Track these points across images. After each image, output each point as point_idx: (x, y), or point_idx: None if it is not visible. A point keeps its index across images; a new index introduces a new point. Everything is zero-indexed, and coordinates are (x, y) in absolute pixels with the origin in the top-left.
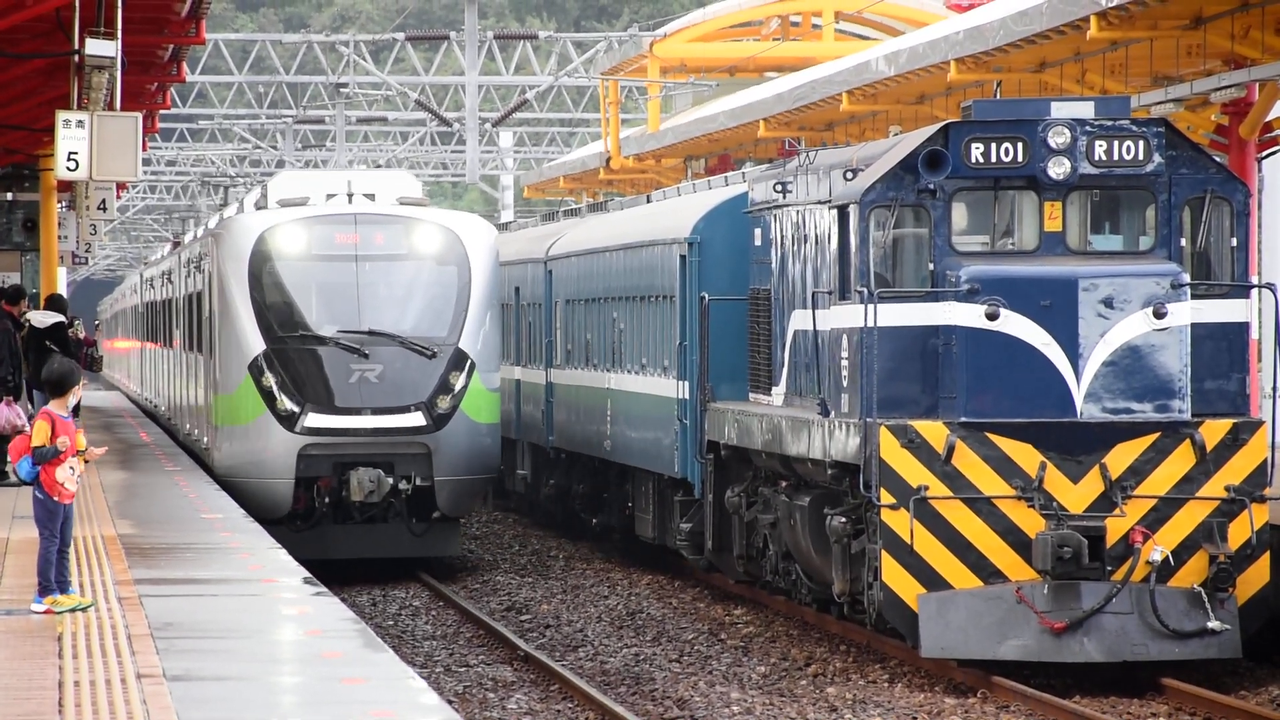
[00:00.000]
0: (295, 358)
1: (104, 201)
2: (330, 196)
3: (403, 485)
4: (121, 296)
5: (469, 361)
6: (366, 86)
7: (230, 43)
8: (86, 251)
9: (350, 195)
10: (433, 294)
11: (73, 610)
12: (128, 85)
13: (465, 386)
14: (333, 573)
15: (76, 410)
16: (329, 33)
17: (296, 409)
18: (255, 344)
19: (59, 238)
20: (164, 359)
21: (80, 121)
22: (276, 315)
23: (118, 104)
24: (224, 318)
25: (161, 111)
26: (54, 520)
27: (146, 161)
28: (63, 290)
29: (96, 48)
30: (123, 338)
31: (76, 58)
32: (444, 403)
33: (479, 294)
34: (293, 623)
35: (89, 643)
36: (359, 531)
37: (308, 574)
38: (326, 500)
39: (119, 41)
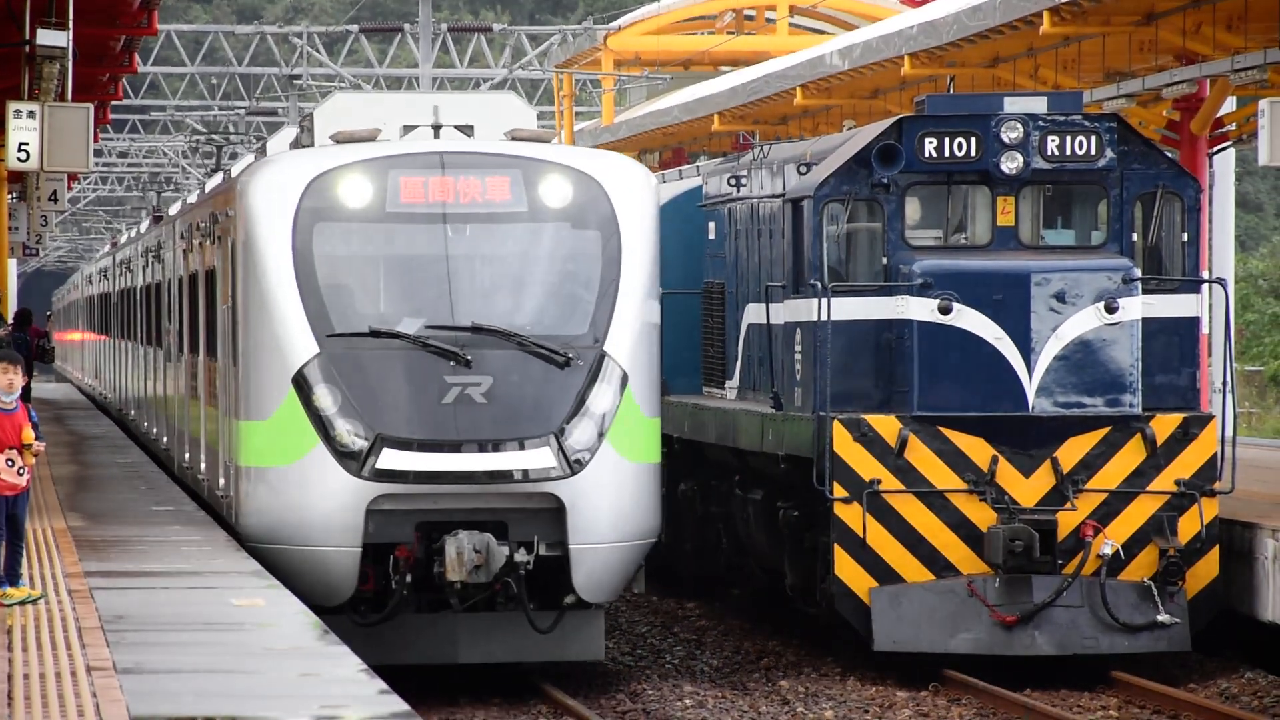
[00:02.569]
0: (362, 366)
1: (55, 193)
2: (408, 129)
3: (521, 556)
4: (76, 286)
5: (619, 372)
6: (320, 78)
7: (183, 34)
8: (37, 243)
9: (437, 127)
10: (565, 272)
11: (22, 603)
12: (79, 76)
13: (614, 409)
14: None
15: (26, 398)
16: (282, 24)
17: (364, 443)
18: (302, 346)
19: (9, 229)
20: (142, 365)
21: (31, 112)
22: (333, 302)
23: (69, 95)
24: (252, 307)
25: (113, 103)
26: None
27: (98, 153)
28: (13, 282)
29: (47, 38)
30: (84, 334)
31: (27, 48)
32: (583, 433)
33: (634, 272)
34: (245, 615)
35: (39, 635)
36: (456, 625)
37: (258, 566)
38: (408, 579)
39: (70, 32)
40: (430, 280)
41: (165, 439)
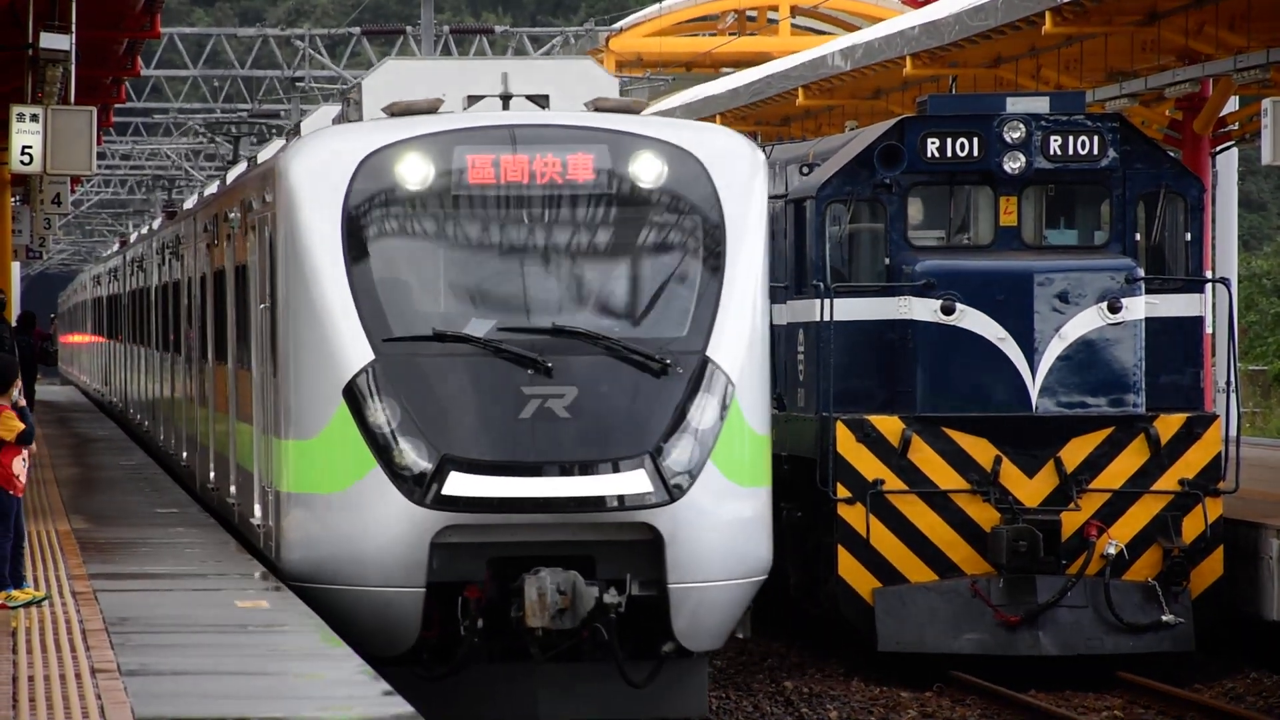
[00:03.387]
0: (424, 375)
1: (58, 196)
2: (473, 100)
3: (611, 597)
4: (83, 287)
5: (725, 382)
6: (322, 81)
7: (185, 36)
8: (40, 246)
9: (507, 97)
10: (660, 264)
11: (28, 605)
12: (82, 79)
13: (719, 425)
14: None
15: (31, 405)
16: (284, 27)
17: (428, 465)
18: (354, 352)
19: (13, 232)
20: (157, 372)
21: (34, 115)
22: (390, 301)
23: (72, 98)
24: (295, 308)
25: (116, 105)
26: (8, 515)
27: (101, 156)
28: (16, 285)
29: (51, 41)
30: (91, 337)
31: (31, 51)
32: (683, 453)
33: (741, 264)
34: (249, 616)
35: (43, 637)
36: (536, 679)
37: (263, 569)
38: (479, 624)
39: (73, 35)
40: (503, 275)
41: (185, 454)
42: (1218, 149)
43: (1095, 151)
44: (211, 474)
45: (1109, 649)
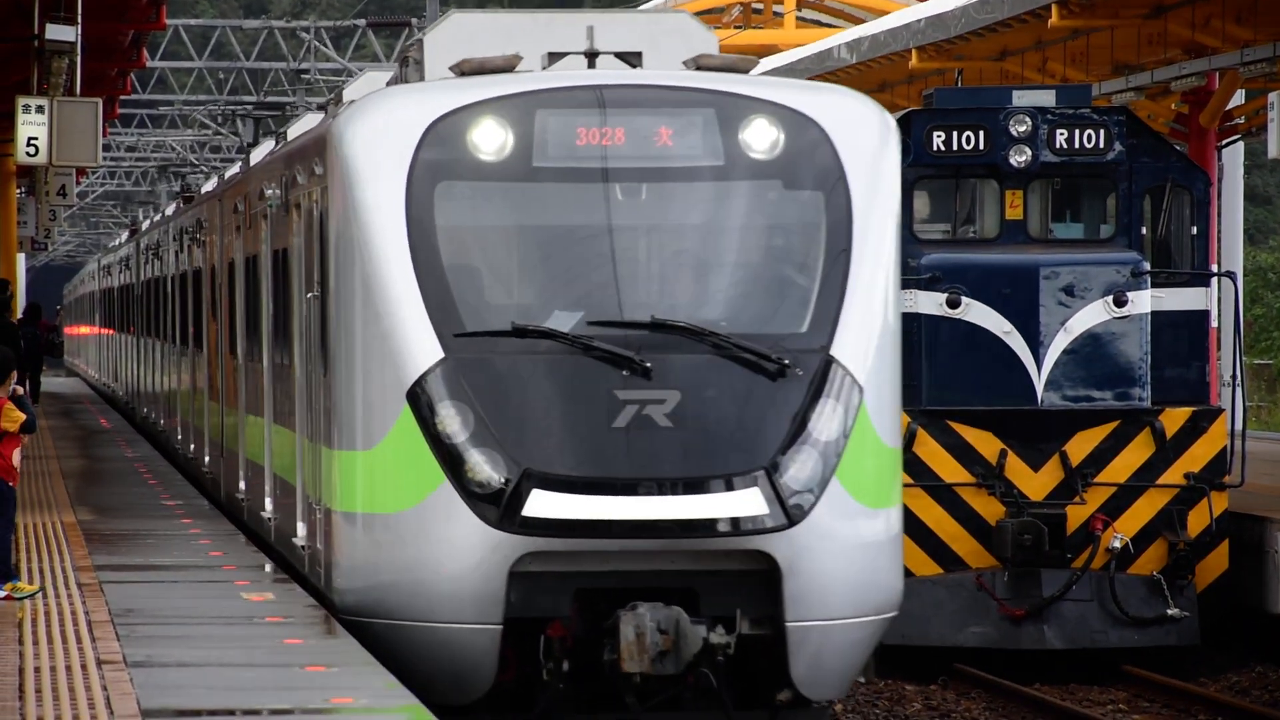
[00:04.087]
0: (501, 376)
1: (64, 187)
2: (554, 57)
3: (719, 637)
4: (92, 276)
5: (852, 385)
6: (327, 73)
7: (190, 28)
8: (46, 237)
9: (593, 54)
10: (775, 248)
11: (30, 596)
12: (88, 70)
13: (845, 435)
14: None
15: (35, 395)
16: (289, 19)
17: (506, 481)
18: (420, 349)
19: (18, 223)
20: (176, 370)
21: (40, 107)
22: (462, 290)
23: (78, 89)
24: (350, 297)
25: (121, 97)
26: (9, 505)
27: (106, 147)
28: (22, 277)
29: (56, 32)
30: (100, 329)
31: (36, 42)
32: (803, 468)
33: (869, 248)
34: (255, 608)
35: (49, 629)
36: None
37: (271, 562)
38: (565, 667)
39: (79, 27)
40: (592, 260)
41: (208, 459)
42: (1224, 142)
43: (1101, 145)
44: (242, 484)
45: (1114, 643)
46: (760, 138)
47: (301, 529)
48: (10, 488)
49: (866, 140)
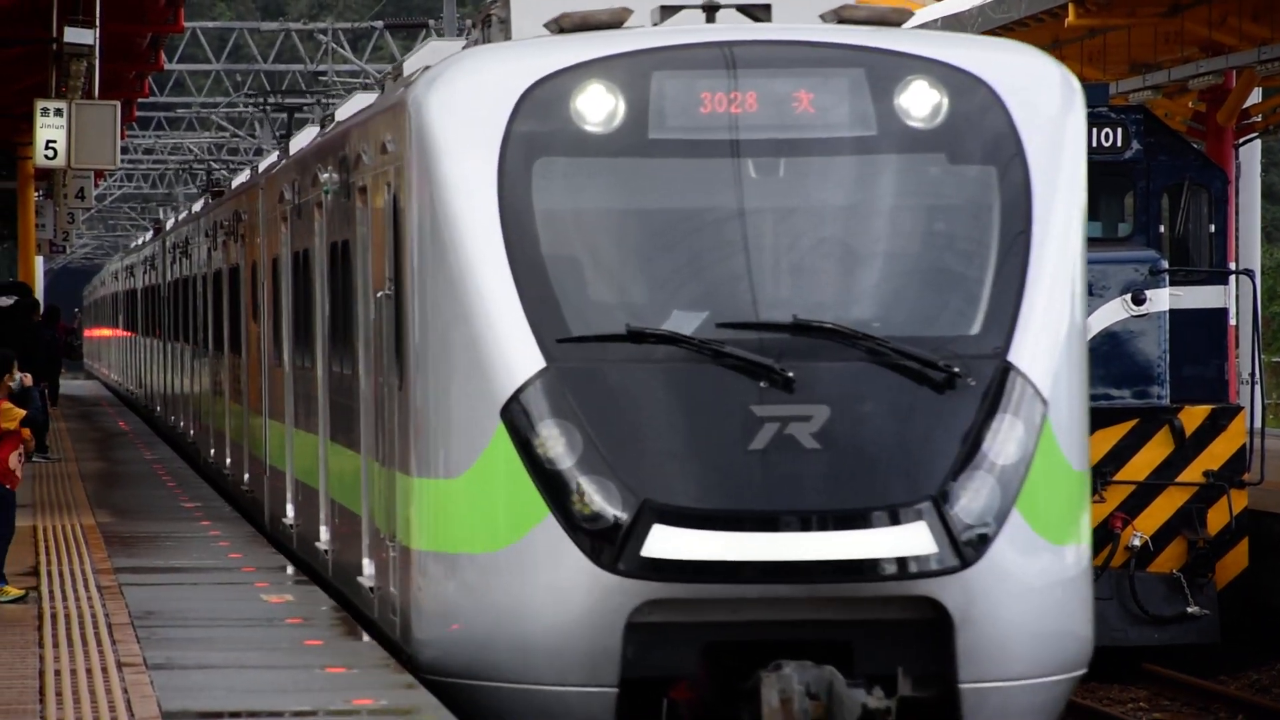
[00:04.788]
0: (614, 390)
1: (82, 190)
2: (668, 11)
3: (878, 700)
4: (114, 277)
5: (1035, 398)
6: (344, 75)
7: (208, 31)
8: (64, 240)
9: (713, 7)
10: (939, 234)
11: (15, 600)
12: (106, 73)
13: (1028, 458)
14: None
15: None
16: (306, 21)
17: (622, 514)
18: (517, 358)
19: (37, 226)
20: (208, 376)
21: (59, 110)
22: (566, 287)
23: (96, 92)
24: (431, 296)
25: (139, 99)
26: (8, 509)
27: (124, 150)
28: (40, 279)
29: (75, 35)
30: (122, 331)
31: (55, 45)
32: (978, 497)
33: (1053, 235)
34: (275, 610)
35: (69, 631)
36: None
37: (288, 561)
38: None
39: (98, 29)
40: (719, 249)
41: (248, 478)
42: (1241, 141)
43: (1119, 143)
44: (289, 508)
45: (1134, 641)
46: (919, 102)
47: (368, 567)
48: (9, 491)
49: (1047, 103)
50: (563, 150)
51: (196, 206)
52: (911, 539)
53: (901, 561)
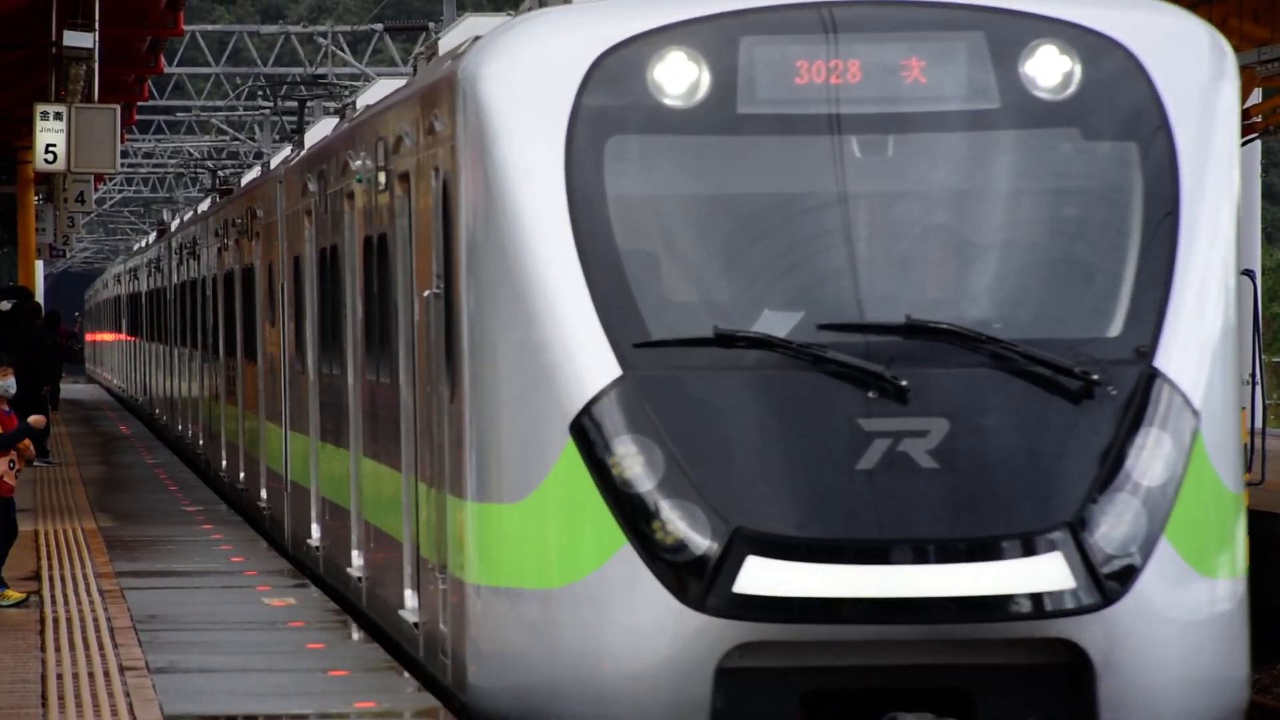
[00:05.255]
0: (699, 402)
1: (82, 194)
2: None
3: None
4: (117, 281)
5: (1183, 410)
6: (345, 77)
7: (207, 34)
8: (64, 244)
9: None
10: (1072, 221)
11: (16, 605)
12: (106, 77)
13: (1177, 479)
14: None
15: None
16: (306, 24)
17: (711, 544)
18: (590, 364)
19: (37, 230)
20: (222, 384)
21: (58, 114)
22: (644, 284)
23: (96, 96)
24: (490, 296)
25: (139, 103)
26: (7, 512)
27: (124, 154)
28: (40, 284)
29: (74, 39)
30: (125, 336)
31: (54, 49)
32: (1121, 524)
33: (1202, 223)
34: (276, 615)
35: (71, 636)
36: None
37: (289, 565)
38: None
39: (97, 33)
40: (818, 239)
41: (266, 495)
42: (1242, 141)
43: None
44: (315, 528)
45: None
46: (1048, 70)
47: (411, 599)
48: (5, 499)
49: (1194, 69)
50: (639, 128)
51: (204, 206)
52: (1045, 572)
53: (1034, 598)
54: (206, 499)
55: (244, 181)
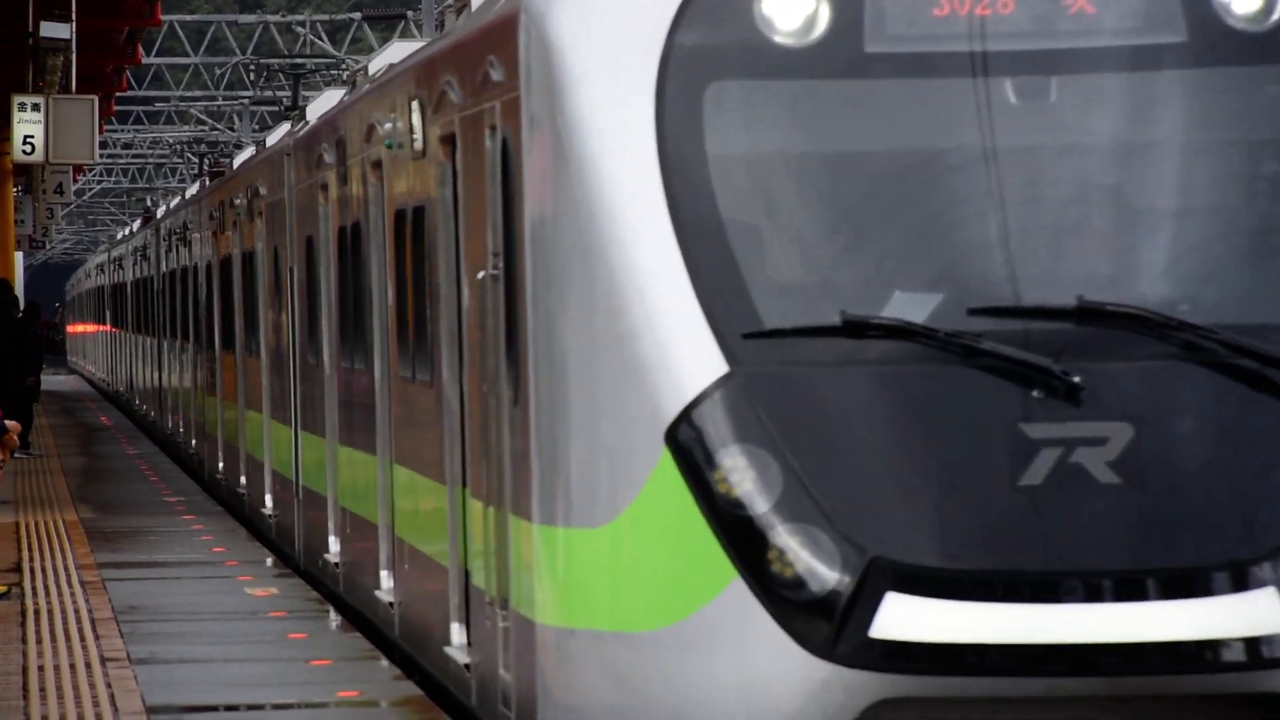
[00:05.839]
0: (824, 403)
1: (60, 185)
2: None
3: None
4: (100, 270)
5: None
6: (322, 67)
7: (186, 24)
8: (44, 236)
9: None
10: (1275, 183)
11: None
12: (84, 68)
13: None
14: None
15: (36, 395)
16: (285, 13)
17: (842, 578)
18: (690, 358)
19: (16, 222)
20: (218, 378)
21: (36, 105)
22: (754, 262)
23: (73, 87)
24: (563, 277)
25: (118, 94)
26: None
27: (103, 144)
28: (20, 275)
29: (51, 30)
30: (109, 329)
31: (31, 40)
32: None
33: None
34: (258, 605)
35: (52, 627)
36: None
37: (272, 555)
38: None
39: (74, 24)
40: (964, 205)
41: (271, 501)
42: None
43: None
44: (333, 541)
45: None
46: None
47: (459, 634)
48: None
49: None
50: (745, 72)
51: (192, 190)
52: (1256, 611)
53: (1248, 644)
54: (187, 489)
55: (236, 164)
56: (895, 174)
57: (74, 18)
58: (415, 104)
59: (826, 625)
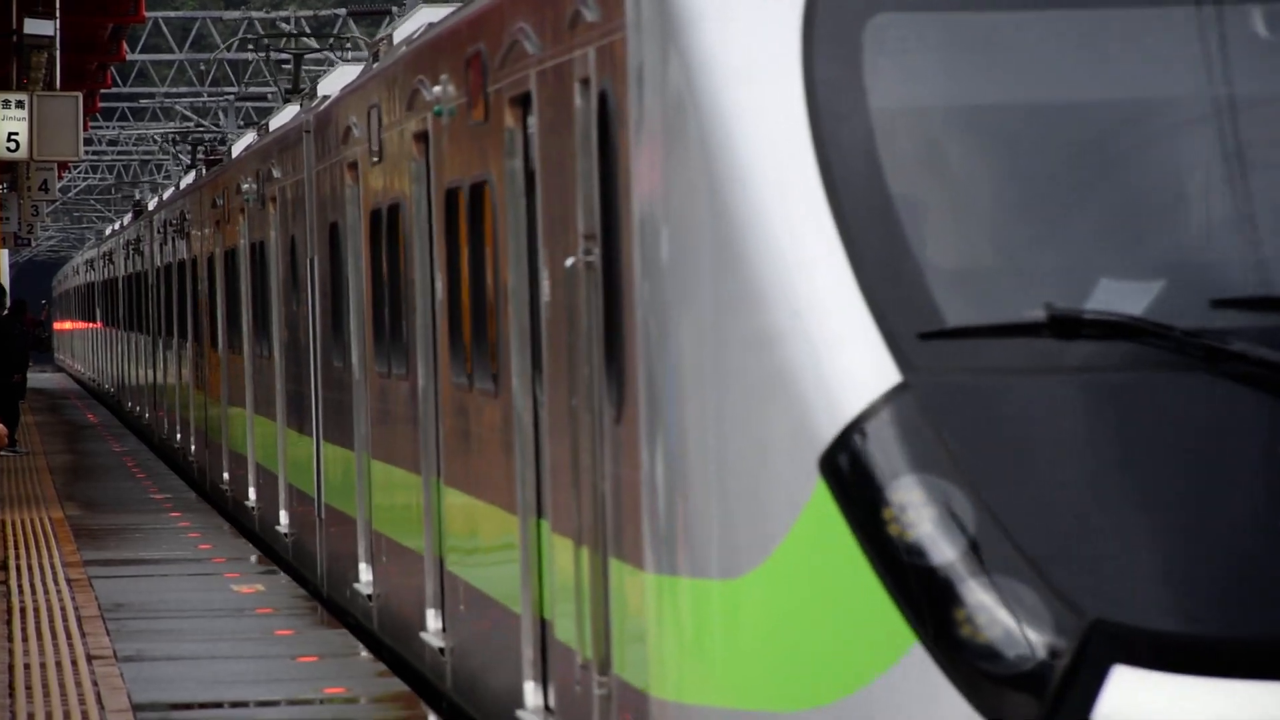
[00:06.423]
0: (1025, 423)
1: (45, 182)
2: None
3: None
4: (90, 265)
5: None
6: (309, 63)
7: (170, 20)
8: (29, 233)
9: None
10: None
11: None
12: (68, 64)
13: None
14: None
15: (22, 393)
16: (269, 9)
17: (1055, 644)
18: (851, 365)
19: (1, 219)
20: (225, 381)
21: (20, 102)
22: (930, 244)
23: (58, 83)
24: (683, 261)
25: (102, 90)
26: None
27: (88, 141)
28: (5, 272)
29: (35, 26)
30: (101, 326)
31: (15, 37)
32: None
33: None
34: (245, 600)
35: (39, 625)
36: None
37: (258, 551)
38: None
39: (58, 20)
40: (1191, 172)
41: (287, 519)
42: None
43: None
44: (364, 570)
45: None
46: None
47: (533, 695)
48: None
49: None
50: (914, 3)
51: (188, 180)
52: None
53: None
54: (174, 486)
55: (236, 150)
56: (1104, 131)
57: (58, 14)
58: (475, 60)
59: (1035, 707)
